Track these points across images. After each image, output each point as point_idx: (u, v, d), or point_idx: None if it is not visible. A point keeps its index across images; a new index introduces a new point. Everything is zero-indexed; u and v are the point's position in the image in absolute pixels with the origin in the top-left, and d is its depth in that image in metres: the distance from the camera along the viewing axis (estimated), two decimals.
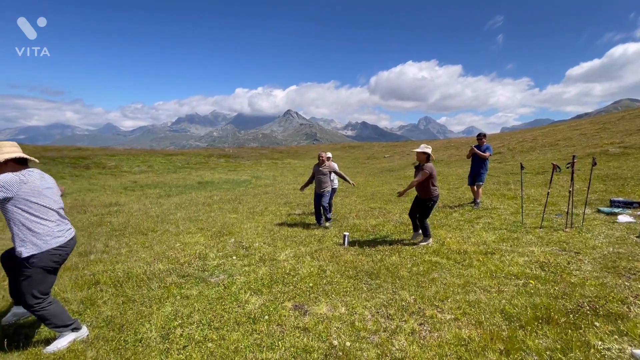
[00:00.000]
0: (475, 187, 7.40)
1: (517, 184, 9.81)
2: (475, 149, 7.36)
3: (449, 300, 3.15)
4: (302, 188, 6.81)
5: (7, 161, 2.40)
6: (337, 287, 3.57)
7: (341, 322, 2.85)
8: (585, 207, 5.65)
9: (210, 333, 2.74)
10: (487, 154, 7.25)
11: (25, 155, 2.53)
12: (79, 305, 3.29)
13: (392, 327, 2.74)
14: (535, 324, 2.58)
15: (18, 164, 2.47)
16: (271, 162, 28.32)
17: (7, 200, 2.29)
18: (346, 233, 5.29)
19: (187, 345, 2.58)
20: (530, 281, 3.39)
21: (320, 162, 6.42)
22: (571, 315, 2.63)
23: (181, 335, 2.73)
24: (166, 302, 3.34)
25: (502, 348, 2.33)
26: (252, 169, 23.62)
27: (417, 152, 4.86)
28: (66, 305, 3.26)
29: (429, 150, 4.84)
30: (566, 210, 5.63)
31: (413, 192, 5.42)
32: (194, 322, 2.92)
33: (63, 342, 2.60)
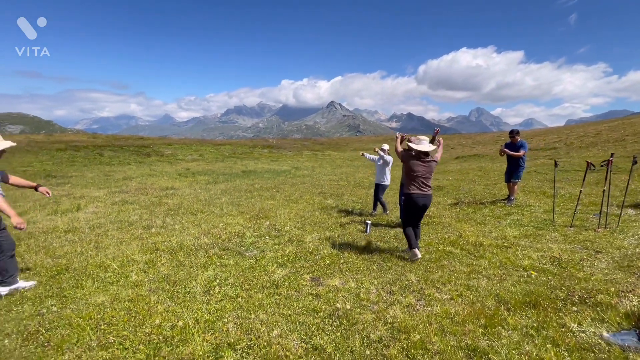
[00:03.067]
0: (512, 184, 7.23)
1: (563, 182, 9.32)
2: (505, 149, 7.06)
3: (451, 284, 3.46)
4: None
5: None
6: (352, 266, 4.04)
7: (348, 292, 3.33)
8: (622, 208, 5.41)
9: (241, 292, 3.39)
10: (520, 152, 6.97)
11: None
12: (144, 265, 4.16)
13: (392, 300, 3.15)
14: (522, 307, 2.83)
15: None
16: (311, 154, 29.11)
17: None
18: (369, 221, 5.69)
19: (222, 299, 3.25)
20: (532, 272, 3.56)
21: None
22: (558, 302, 2.83)
23: (219, 292, 3.41)
24: (209, 267, 4.08)
25: (483, 322, 2.64)
26: (292, 160, 24.59)
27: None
28: (134, 265, 4.14)
29: (414, 145, 4.25)
30: (606, 210, 5.44)
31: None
32: (229, 284, 3.60)
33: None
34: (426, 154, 4.18)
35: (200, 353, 2.38)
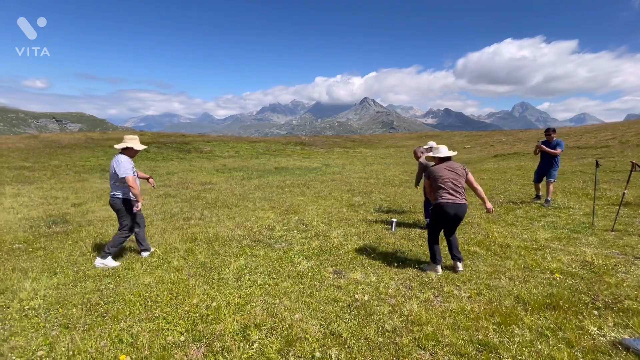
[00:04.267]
0: (547, 184, 6.93)
1: (610, 183, 8.67)
2: (542, 145, 6.85)
3: (471, 283, 3.49)
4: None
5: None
6: (374, 261, 4.19)
7: (368, 286, 3.49)
8: None
9: (269, 280, 3.69)
10: (557, 150, 6.71)
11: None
12: (184, 252, 4.62)
13: (410, 294, 3.27)
14: (541, 308, 2.82)
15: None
16: (343, 151, 29.20)
17: None
18: (394, 219, 5.77)
19: (251, 286, 3.56)
20: (557, 275, 3.48)
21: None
22: (580, 306, 2.78)
23: (249, 279, 3.73)
24: (241, 257, 4.43)
25: (497, 320, 2.69)
26: (324, 157, 24.87)
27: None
28: (175, 252, 4.61)
29: (432, 154, 4.01)
30: None
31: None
32: (258, 272, 3.91)
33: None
34: (448, 158, 3.91)
35: (230, 330, 2.69)
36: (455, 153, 4.11)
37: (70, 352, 2.42)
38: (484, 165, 16.17)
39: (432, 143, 4.01)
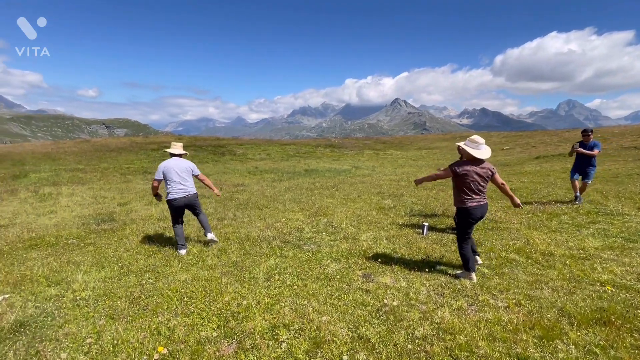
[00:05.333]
0: (583, 185, 6.81)
1: None
2: (580, 148, 6.65)
3: (509, 292, 3.30)
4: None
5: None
6: (404, 266, 4.09)
7: (398, 291, 3.41)
8: None
9: (297, 281, 3.73)
10: (595, 151, 6.53)
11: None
12: (217, 251, 4.80)
13: (441, 302, 3.16)
14: (589, 323, 2.59)
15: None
16: (373, 153, 28.86)
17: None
18: (426, 223, 5.60)
19: (281, 286, 3.62)
20: (608, 287, 3.18)
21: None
22: (636, 323, 2.52)
23: (278, 279, 3.80)
24: (271, 257, 4.52)
25: (539, 333, 2.51)
26: (353, 159, 24.74)
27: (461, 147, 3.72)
28: (207, 251, 4.79)
29: (469, 148, 3.61)
30: None
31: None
32: (287, 273, 3.97)
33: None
34: (482, 160, 3.62)
35: (260, 329, 2.75)
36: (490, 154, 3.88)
37: (115, 341, 2.61)
38: (524, 167, 15.22)
39: (477, 138, 3.69)
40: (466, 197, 3.58)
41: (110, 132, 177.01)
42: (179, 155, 4.92)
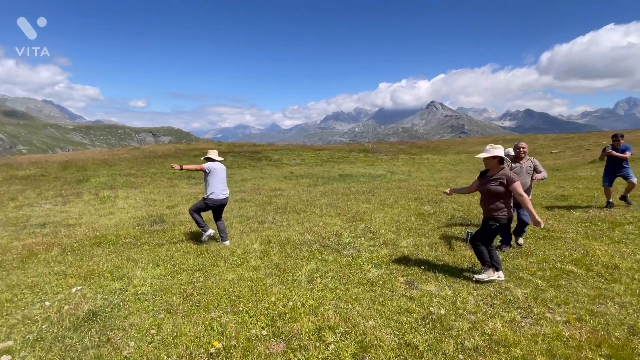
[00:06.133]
0: (629, 185, 6.85)
1: None
2: (612, 151, 6.67)
3: (568, 306, 3.08)
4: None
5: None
6: (448, 274, 3.97)
7: (444, 299, 3.32)
8: None
9: (339, 285, 3.76)
10: (627, 154, 6.56)
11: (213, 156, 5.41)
12: (260, 253, 4.97)
13: (492, 312, 3.02)
14: None
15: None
16: (408, 157, 28.21)
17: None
18: (470, 231, 5.38)
19: (323, 289, 3.68)
20: None
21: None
22: None
23: (320, 282, 3.86)
24: (311, 261, 4.61)
25: (606, 352, 2.32)
26: (388, 164, 24.35)
27: (485, 158, 3.69)
28: (251, 253, 4.98)
29: (498, 152, 3.59)
30: None
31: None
32: (329, 277, 4.02)
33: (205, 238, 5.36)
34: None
35: (307, 330, 2.82)
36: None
37: (174, 334, 2.81)
38: (577, 172, 14.05)
39: (494, 147, 3.72)
40: (510, 204, 3.66)
41: (156, 140, 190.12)
42: (220, 161, 5.55)
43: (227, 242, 5.47)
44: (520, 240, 4.97)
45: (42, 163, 17.82)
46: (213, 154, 5.58)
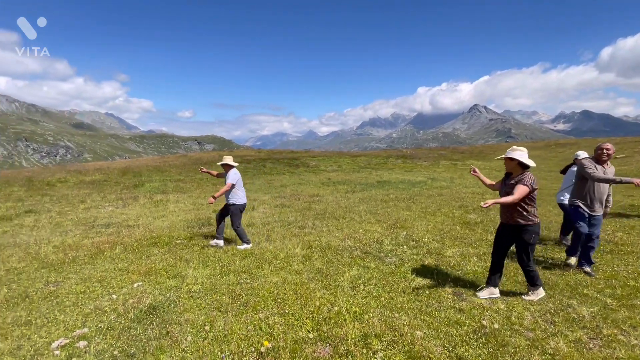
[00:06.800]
0: None
1: None
2: None
3: None
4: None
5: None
6: (501, 287, 3.74)
7: (496, 313, 3.14)
8: None
9: (383, 293, 3.71)
10: None
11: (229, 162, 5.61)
12: (302, 258, 5.06)
13: (553, 330, 2.80)
14: None
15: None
16: (450, 164, 27.07)
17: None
18: None
19: (367, 296, 3.65)
20: None
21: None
22: None
23: (363, 289, 3.84)
24: (353, 267, 4.60)
25: None
26: (428, 170, 23.56)
27: (505, 161, 3.46)
28: (293, 257, 5.08)
29: (518, 154, 3.31)
30: None
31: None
32: (372, 284, 3.98)
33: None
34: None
35: (352, 336, 2.82)
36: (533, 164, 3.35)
37: (226, 332, 2.96)
38: None
39: (515, 147, 3.43)
40: (534, 209, 3.34)
41: (201, 148, 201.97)
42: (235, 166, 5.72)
43: (219, 242, 5.79)
44: (571, 261, 4.39)
45: (104, 169, 19.73)
46: (229, 159, 5.68)
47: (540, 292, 3.48)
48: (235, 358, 2.60)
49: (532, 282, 3.49)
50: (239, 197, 5.60)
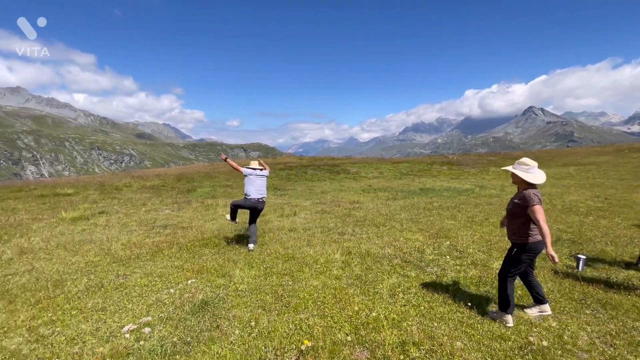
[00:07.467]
0: None
1: None
2: None
3: None
4: None
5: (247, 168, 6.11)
6: (553, 303, 3.51)
7: (546, 331, 2.97)
8: None
9: (423, 302, 3.68)
10: None
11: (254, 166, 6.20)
12: (342, 263, 5.17)
13: (612, 354, 2.58)
14: None
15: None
16: (501, 170, 25.37)
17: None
18: (582, 256, 4.65)
19: (406, 305, 3.65)
20: None
21: None
22: None
23: (402, 297, 3.84)
24: (392, 275, 4.59)
25: None
26: (476, 177, 22.32)
27: (512, 172, 3.26)
28: (333, 263, 5.20)
29: (519, 170, 3.14)
30: None
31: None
32: (411, 292, 3.96)
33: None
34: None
35: (390, 342, 2.86)
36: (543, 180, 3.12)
37: (269, 329, 3.17)
38: None
39: (527, 160, 3.14)
40: (533, 228, 3.09)
41: (247, 155, 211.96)
42: (259, 169, 6.29)
43: (250, 246, 6.06)
44: None
45: (162, 175, 21.64)
46: (254, 163, 6.36)
47: (508, 320, 3.15)
48: (278, 353, 2.78)
49: (500, 304, 3.25)
50: (245, 189, 6.19)
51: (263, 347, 2.86)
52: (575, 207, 9.38)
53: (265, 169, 6.36)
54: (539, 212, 2.93)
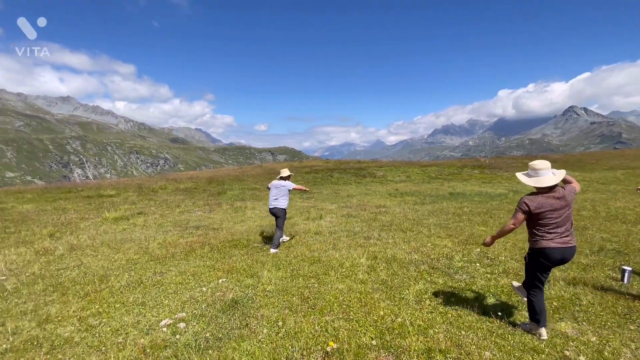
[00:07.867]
0: None
1: None
2: None
3: None
4: None
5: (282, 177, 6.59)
6: (593, 317, 3.33)
7: (584, 345, 2.82)
8: None
9: (451, 310, 3.62)
10: None
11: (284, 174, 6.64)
12: (367, 268, 5.17)
13: None
14: None
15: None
16: None
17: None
18: (628, 268, 4.34)
19: (433, 312, 3.60)
20: None
21: None
22: None
23: (429, 304, 3.79)
24: (419, 281, 4.54)
25: None
26: (510, 182, 21.28)
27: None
28: (358, 267, 5.21)
29: (521, 174, 3.17)
30: None
31: None
32: (439, 299, 3.90)
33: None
34: (550, 188, 2.93)
35: (416, 348, 2.85)
36: (559, 178, 2.93)
37: (296, 329, 3.26)
38: None
39: (536, 163, 3.01)
40: (539, 234, 2.99)
41: (274, 158, 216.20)
42: (286, 177, 6.72)
43: (272, 250, 6.29)
44: None
45: (194, 178, 22.63)
46: (284, 172, 6.75)
47: (542, 333, 3.01)
48: (304, 353, 2.86)
49: (530, 315, 3.14)
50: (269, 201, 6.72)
51: (290, 347, 2.96)
52: (622, 215, 8.71)
53: (287, 179, 6.75)
54: (514, 214, 3.04)
